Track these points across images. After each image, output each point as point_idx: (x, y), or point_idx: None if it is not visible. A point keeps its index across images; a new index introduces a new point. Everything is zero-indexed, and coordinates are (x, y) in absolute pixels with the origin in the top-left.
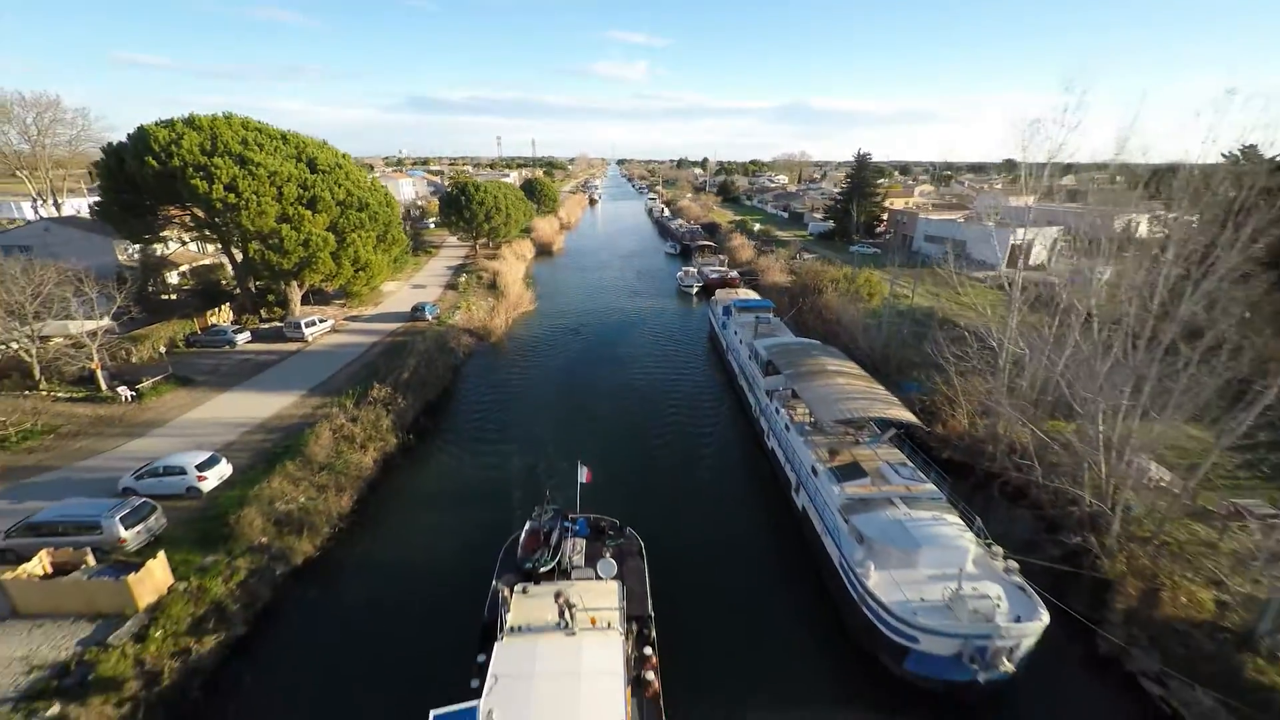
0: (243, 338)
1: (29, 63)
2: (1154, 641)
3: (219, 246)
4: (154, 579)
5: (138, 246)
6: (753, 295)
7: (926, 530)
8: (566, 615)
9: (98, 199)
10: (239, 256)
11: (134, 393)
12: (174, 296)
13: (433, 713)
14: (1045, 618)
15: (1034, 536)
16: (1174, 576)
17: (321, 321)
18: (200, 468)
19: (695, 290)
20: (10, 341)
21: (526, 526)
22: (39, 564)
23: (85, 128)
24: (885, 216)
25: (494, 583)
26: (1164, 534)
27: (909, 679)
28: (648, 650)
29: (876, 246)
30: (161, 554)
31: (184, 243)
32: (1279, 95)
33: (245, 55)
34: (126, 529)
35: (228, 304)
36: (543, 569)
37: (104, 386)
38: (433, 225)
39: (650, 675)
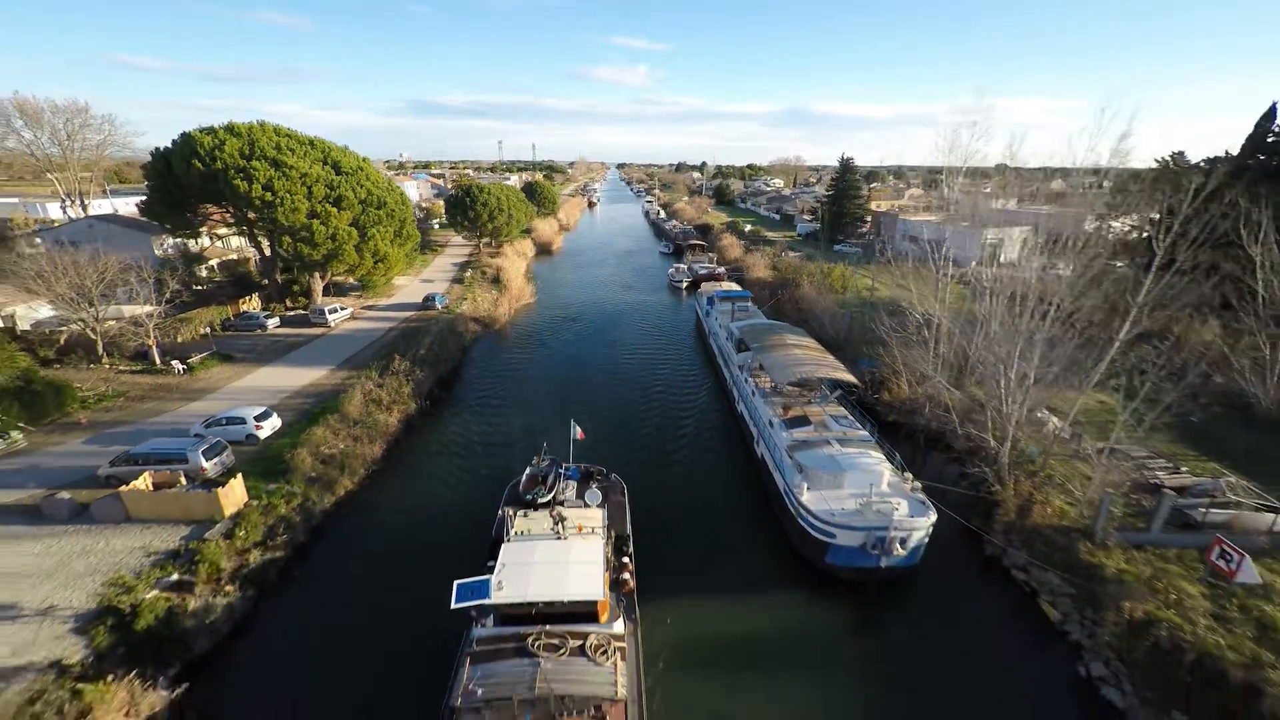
0: (272, 322)
1: (28, 65)
2: (1024, 542)
3: (244, 242)
4: (235, 494)
5: (172, 241)
6: (735, 287)
7: (852, 461)
8: (559, 526)
9: (144, 197)
10: (268, 251)
11: (185, 366)
12: (204, 287)
13: (456, 582)
14: (932, 516)
15: (950, 471)
16: (1046, 496)
17: (342, 309)
18: (257, 419)
19: (685, 285)
20: (79, 319)
21: (526, 472)
22: (143, 482)
23: (111, 133)
24: (869, 218)
25: (500, 510)
26: (1048, 469)
27: (829, 569)
28: (625, 559)
29: (859, 245)
30: (239, 476)
31: (215, 238)
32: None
33: (244, 58)
34: (207, 460)
35: (256, 293)
36: (540, 500)
37: (158, 361)
38: (437, 226)
39: (626, 576)
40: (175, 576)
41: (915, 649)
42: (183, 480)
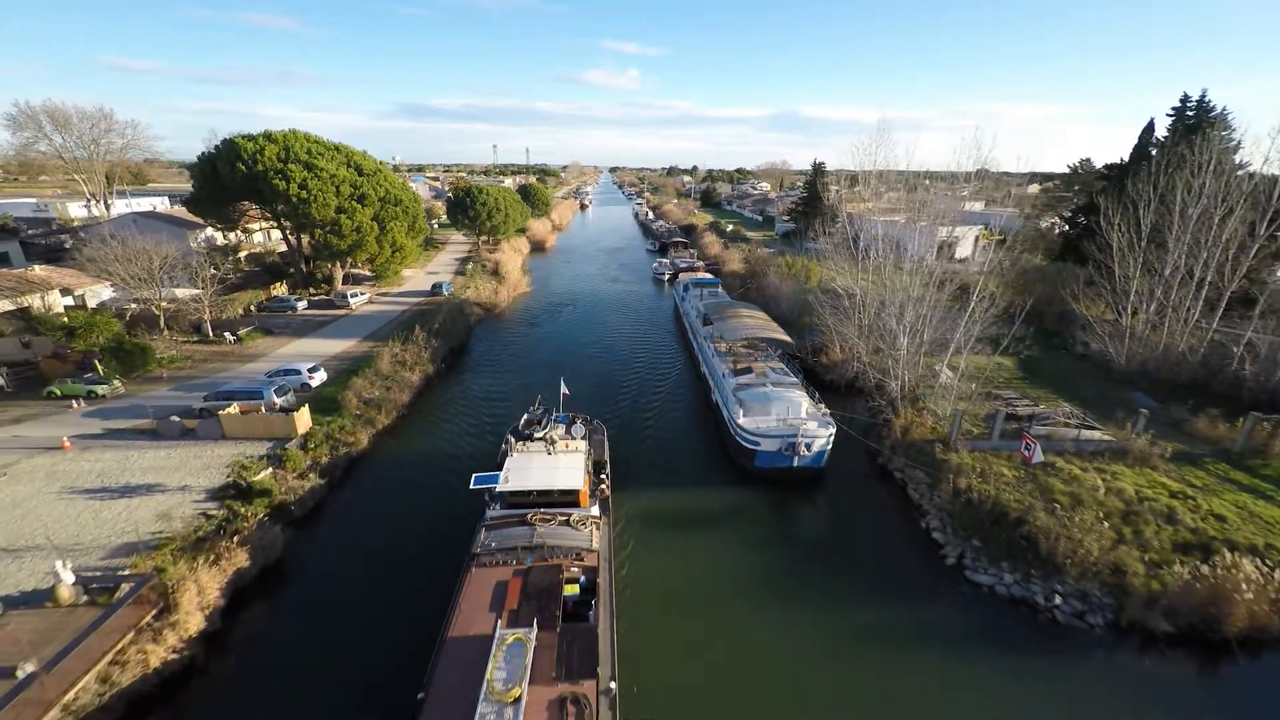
0: (301, 305)
1: (21, 71)
2: (904, 452)
3: (265, 236)
4: (304, 419)
5: (205, 235)
6: (707, 275)
7: (779, 395)
8: (550, 447)
9: (189, 195)
10: (295, 243)
11: (236, 337)
12: (232, 277)
13: (474, 475)
14: (832, 429)
15: (862, 408)
16: (924, 420)
17: (361, 294)
18: (309, 371)
19: (667, 277)
20: (144, 298)
21: (524, 416)
22: (234, 409)
23: (134, 138)
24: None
25: (504, 441)
26: (933, 406)
27: (758, 472)
28: (603, 477)
29: (829, 243)
30: (305, 406)
31: (246, 232)
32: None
33: (237, 61)
34: (277, 397)
35: (284, 280)
36: (536, 435)
37: (211, 333)
38: (436, 225)
39: (604, 488)
40: (271, 470)
41: (818, 523)
42: (262, 409)
